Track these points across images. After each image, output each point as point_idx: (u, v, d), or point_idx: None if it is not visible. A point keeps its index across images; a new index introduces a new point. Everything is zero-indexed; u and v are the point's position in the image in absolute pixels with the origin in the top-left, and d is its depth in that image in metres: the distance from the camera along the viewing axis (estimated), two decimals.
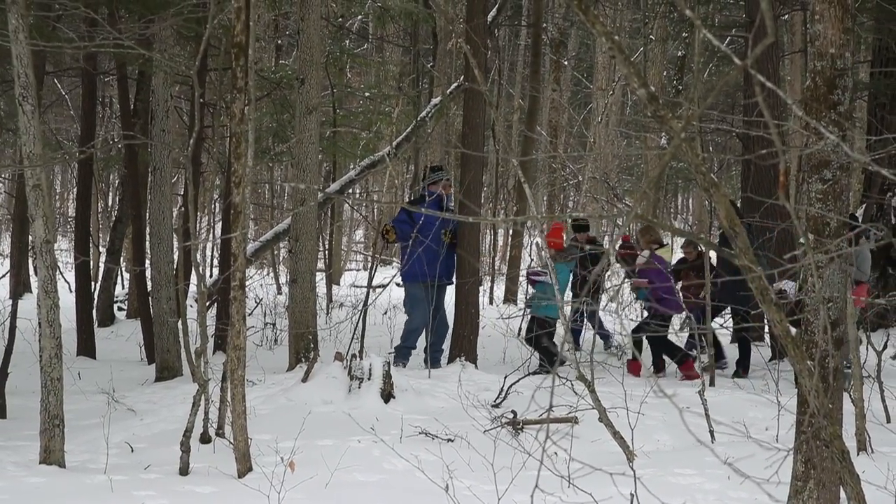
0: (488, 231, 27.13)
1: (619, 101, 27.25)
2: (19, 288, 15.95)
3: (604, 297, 13.57)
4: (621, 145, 27.63)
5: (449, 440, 7.90)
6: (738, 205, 14.28)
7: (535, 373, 10.80)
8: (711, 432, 8.00)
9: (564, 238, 12.67)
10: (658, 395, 7.89)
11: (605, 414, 7.31)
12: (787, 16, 19.97)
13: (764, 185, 13.72)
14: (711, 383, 10.55)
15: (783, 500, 5.22)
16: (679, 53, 24.94)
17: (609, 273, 19.61)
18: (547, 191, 30.92)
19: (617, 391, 8.24)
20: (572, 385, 8.50)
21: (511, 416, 8.36)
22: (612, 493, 5.78)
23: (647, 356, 12.17)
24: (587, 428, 8.13)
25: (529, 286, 12.57)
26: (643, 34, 25.62)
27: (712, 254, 12.83)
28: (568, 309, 11.11)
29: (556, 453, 6.87)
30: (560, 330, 12.41)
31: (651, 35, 24.72)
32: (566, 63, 30.33)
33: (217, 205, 23.75)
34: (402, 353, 11.80)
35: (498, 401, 9.19)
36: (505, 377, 9.67)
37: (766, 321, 12.33)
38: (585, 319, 13.65)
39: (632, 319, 13.12)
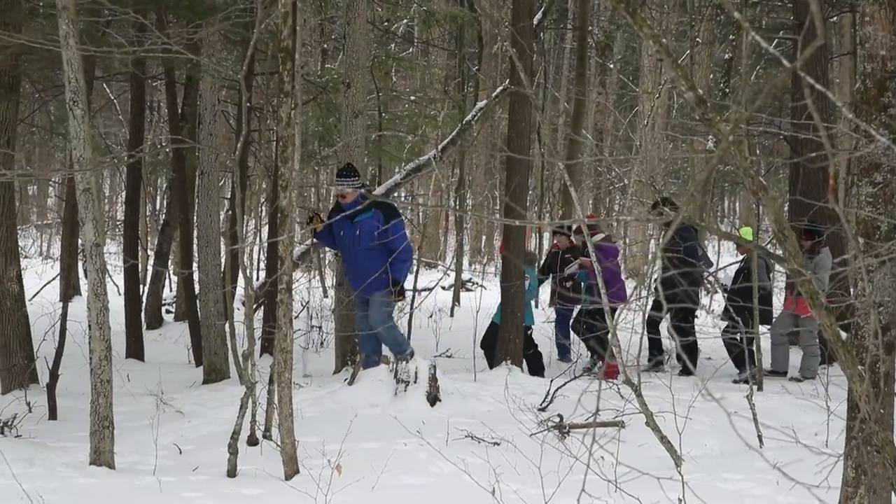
0: (534, 234, 27.08)
1: (665, 104, 27.12)
2: (69, 291, 16.12)
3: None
4: (667, 148, 27.48)
5: (495, 444, 7.89)
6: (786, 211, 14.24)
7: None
8: (760, 437, 7.93)
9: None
10: (707, 399, 7.84)
11: (652, 418, 7.27)
12: (836, 18, 19.81)
13: (813, 189, 13.63)
14: (759, 388, 10.48)
15: None
16: (726, 56, 24.79)
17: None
18: (592, 194, 30.84)
19: (664, 395, 8.20)
20: (618, 389, 8.47)
21: (557, 419, 8.34)
22: (659, 497, 5.76)
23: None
24: (634, 432, 8.10)
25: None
26: (689, 37, 25.50)
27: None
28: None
29: (602, 457, 6.85)
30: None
31: (698, 38, 24.59)
32: (612, 66, 30.23)
33: (264, 208, 23.89)
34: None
35: (544, 404, 9.18)
36: (551, 381, 9.65)
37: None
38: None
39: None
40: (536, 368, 11.97)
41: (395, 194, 19.65)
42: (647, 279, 8.95)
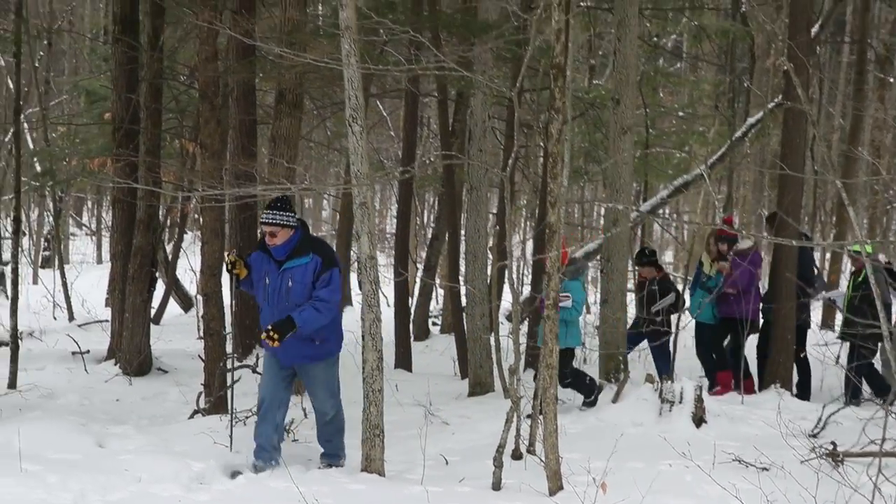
0: None
1: None
2: (342, 301, 16.68)
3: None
4: None
5: (764, 469, 7.66)
6: None
7: (585, 404, 10.41)
8: None
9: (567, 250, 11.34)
10: None
11: None
12: None
13: None
14: None
15: None
16: None
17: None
18: (868, 213, 29.57)
19: None
20: None
21: (831, 446, 8.02)
22: None
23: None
24: None
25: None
26: None
27: None
28: None
29: (879, 488, 6.53)
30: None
31: None
32: (892, 80, 28.93)
33: (528, 223, 24.10)
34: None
35: (816, 430, 8.86)
36: (823, 406, 9.31)
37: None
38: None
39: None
40: (586, 392, 10.75)
41: (660, 211, 19.46)
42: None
